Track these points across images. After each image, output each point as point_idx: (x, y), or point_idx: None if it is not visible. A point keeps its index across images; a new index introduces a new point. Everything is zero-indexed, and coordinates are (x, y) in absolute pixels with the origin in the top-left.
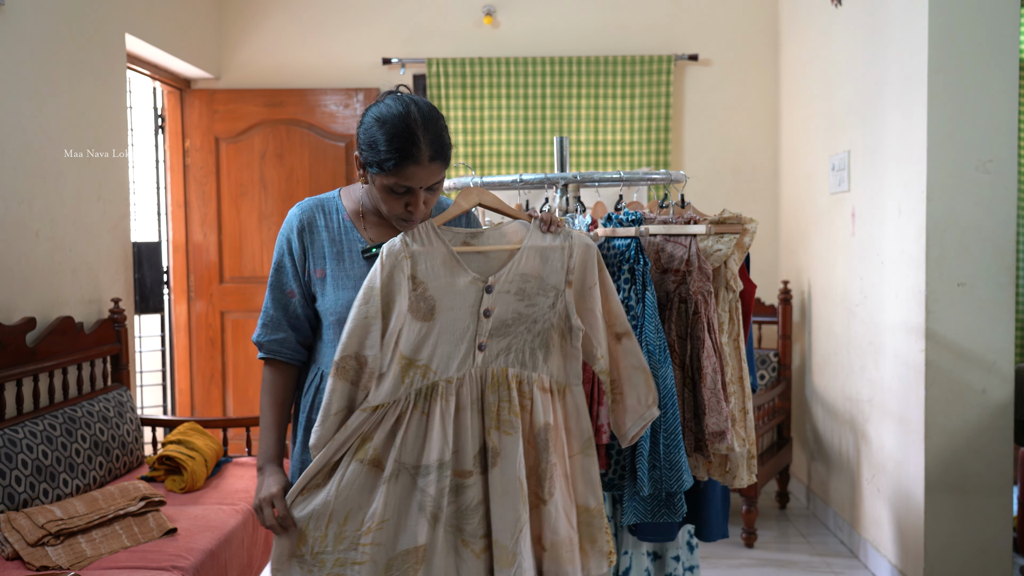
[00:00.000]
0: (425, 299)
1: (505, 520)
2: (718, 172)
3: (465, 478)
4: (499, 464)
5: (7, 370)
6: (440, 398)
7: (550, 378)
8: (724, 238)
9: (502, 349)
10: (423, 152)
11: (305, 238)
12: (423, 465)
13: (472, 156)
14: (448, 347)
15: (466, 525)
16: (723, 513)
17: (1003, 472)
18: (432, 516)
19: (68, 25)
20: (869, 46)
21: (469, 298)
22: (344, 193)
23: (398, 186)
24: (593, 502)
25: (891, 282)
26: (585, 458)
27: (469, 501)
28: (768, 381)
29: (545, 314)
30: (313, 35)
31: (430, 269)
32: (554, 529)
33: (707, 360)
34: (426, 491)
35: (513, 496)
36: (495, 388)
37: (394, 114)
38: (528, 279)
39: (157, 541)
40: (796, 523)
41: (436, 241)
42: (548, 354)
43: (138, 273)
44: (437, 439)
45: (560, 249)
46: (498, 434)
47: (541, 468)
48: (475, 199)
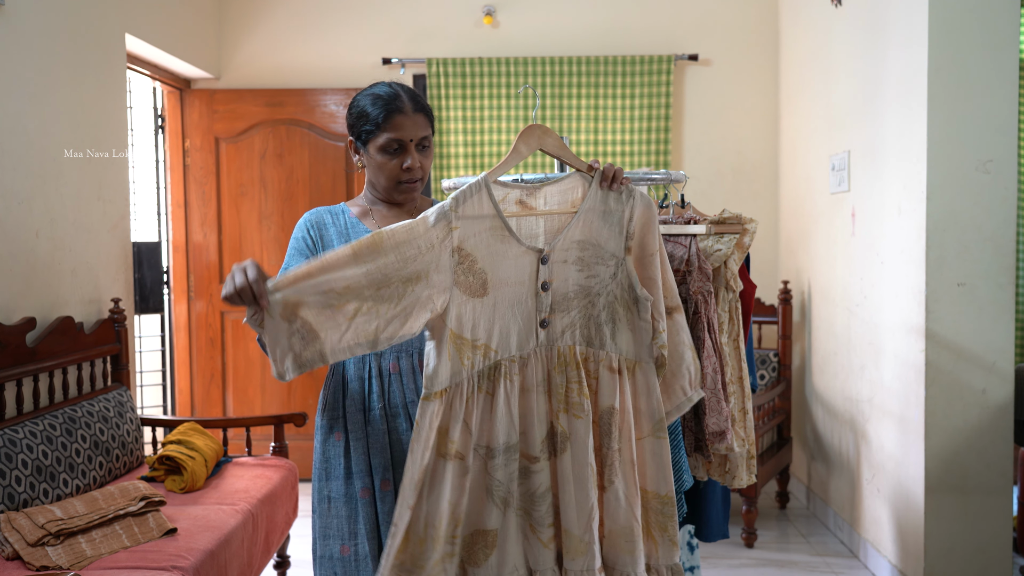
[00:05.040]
0: (475, 272)
1: (576, 509)
2: (718, 172)
3: (532, 463)
4: (568, 449)
5: (7, 370)
6: (504, 378)
7: (619, 356)
8: (724, 238)
9: (567, 325)
10: (406, 103)
11: (313, 232)
12: (491, 448)
13: (472, 156)
14: (506, 324)
15: (534, 511)
16: (723, 513)
17: (1003, 472)
18: (503, 501)
19: (68, 25)
20: (869, 46)
21: (524, 270)
22: (349, 203)
23: (390, 143)
24: (664, 488)
25: (891, 282)
26: (656, 440)
27: (537, 487)
28: (768, 381)
29: (607, 285)
30: (313, 35)
31: (479, 240)
32: (613, 517)
33: (707, 360)
34: (494, 475)
35: (584, 483)
36: (562, 368)
37: (373, 87)
38: (585, 246)
39: (157, 541)
40: (796, 523)
41: (487, 203)
42: (615, 329)
43: (138, 273)
44: (503, 420)
45: (619, 212)
46: (567, 417)
47: (603, 453)
48: (536, 143)
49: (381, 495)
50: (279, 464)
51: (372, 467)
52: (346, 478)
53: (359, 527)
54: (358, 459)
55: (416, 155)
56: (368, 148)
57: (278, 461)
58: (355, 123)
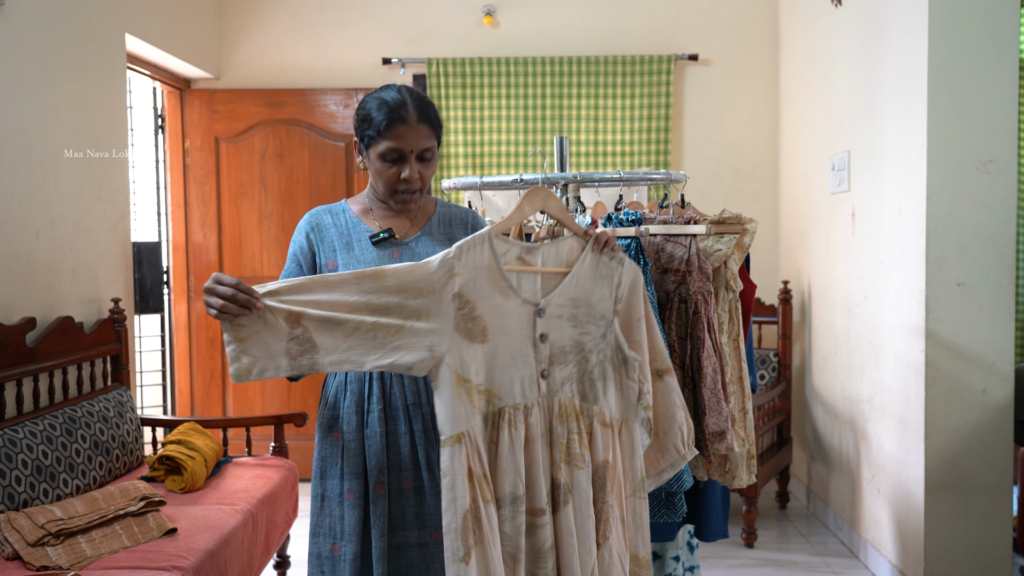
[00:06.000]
0: (474, 319)
1: (581, 565)
2: (718, 172)
3: (538, 516)
4: (571, 502)
5: (7, 370)
6: (509, 426)
7: (610, 413)
8: (724, 238)
9: (566, 378)
10: (410, 113)
11: (312, 236)
12: (498, 498)
13: (472, 156)
14: (508, 371)
15: (539, 570)
16: (723, 513)
17: (1003, 472)
18: (511, 557)
19: (68, 25)
20: (869, 46)
21: (523, 322)
22: (350, 200)
23: (390, 151)
24: (642, 551)
25: (891, 282)
26: (637, 500)
27: (543, 542)
28: (768, 381)
29: (598, 344)
30: (313, 35)
31: (479, 290)
32: (607, 574)
33: (707, 360)
34: (502, 528)
35: (586, 538)
36: (563, 419)
37: (383, 90)
38: (579, 304)
39: (157, 541)
40: (796, 523)
41: (488, 255)
42: (607, 387)
43: (138, 273)
44: (508, 471)
45: (610, 276)
46: (569, 469)
47: (598, 507)
48: (540, 204)
49: (374, 498)
50: (279, 464)
51: (367, 469)
52: (341, 478)
53: (346, 527)
54: (352, 460)
55: (415, 166)
56: (369, 152)
57: (278, 461)
58: (359, 125)
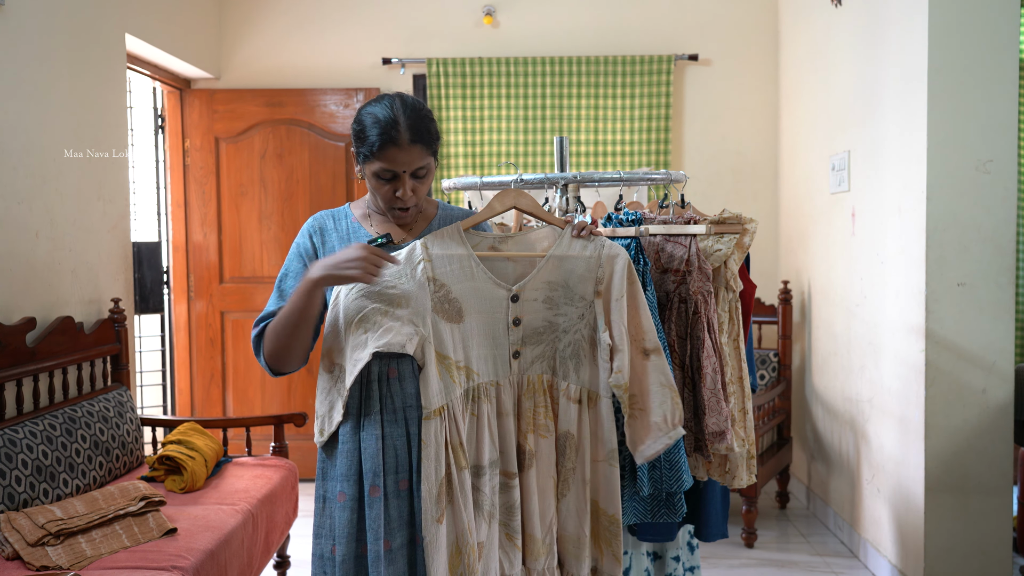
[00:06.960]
0: (450, 301)
1: (540, 516)
2: (718, 172)
3: (511, 478)
4: (535, 465)
5: (7, 370)
6: (485, 401)
7: (580, 388)
8: (724, 238)
9: (536, 356)
10: (403, 135)
11: (315, 239)
12: (480, 465)
13: (472, 156)
14: (483, 350)
15: (511, 521)
16: (723, 513)
17: (1003, 472)
18: (488, 515)
19: (68, 25)
20: (869, 46)
21: (497, 306)
22: (352, 204)
23: (383, 171)
24: (612, 509)
25: (891, 282)
26: (609, 467)
27: (514, 500)
28: (768, 381)
29: (575, 324)
30: (313, 35)
31: (452, 274)
32: (564, 525)
33: (707, 360)
34: (482, 490)
35: (546, 494)
36: (531, 395)
37: (379, 104)
38: (555, 287)
39: (157, 541)
40: (796, 523)
41: (458, 246)
42: (579, 364)
43: (138, 273)
44: (487, 440)
45: (589, 259)
46: (534, 437)
47: (558, 469)
48: (511, 202)
49: (369, 500)
50: (279, 464)
51: (363, 471)
52: (340, 480)
53: (340, 528)
54: (346, 462)
55: (408, 183)
56: (364, 168)
57: (278, 461)
58: (355, 139)
